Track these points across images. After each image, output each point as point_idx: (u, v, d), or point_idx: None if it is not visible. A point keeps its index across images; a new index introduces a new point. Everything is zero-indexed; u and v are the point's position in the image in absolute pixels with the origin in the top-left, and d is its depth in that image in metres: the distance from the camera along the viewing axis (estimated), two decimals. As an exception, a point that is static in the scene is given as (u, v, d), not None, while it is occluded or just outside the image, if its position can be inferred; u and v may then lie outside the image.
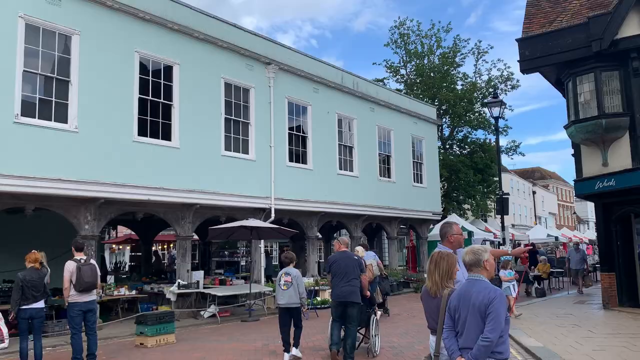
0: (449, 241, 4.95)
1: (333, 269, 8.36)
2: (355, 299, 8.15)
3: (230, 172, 15.13)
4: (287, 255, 9.19)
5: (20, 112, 10.83)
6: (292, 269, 8.87)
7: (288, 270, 8.81)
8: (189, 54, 14.33)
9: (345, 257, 8.43)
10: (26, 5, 11.08)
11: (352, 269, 8.25)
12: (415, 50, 33.25)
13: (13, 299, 8.16)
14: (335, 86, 19.26)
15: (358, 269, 8.33)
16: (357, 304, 8.20)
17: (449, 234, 4.99)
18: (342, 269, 8.22)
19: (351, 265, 8.27)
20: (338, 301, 8.22)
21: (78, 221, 12.10)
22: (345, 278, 8.15)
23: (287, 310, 8.63)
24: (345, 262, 8.30)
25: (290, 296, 8.55)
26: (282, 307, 8.64)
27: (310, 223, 18.35)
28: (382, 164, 21.71)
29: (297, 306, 8.66)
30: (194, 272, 14.90)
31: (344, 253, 8.55)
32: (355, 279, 8.22)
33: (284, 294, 8.60)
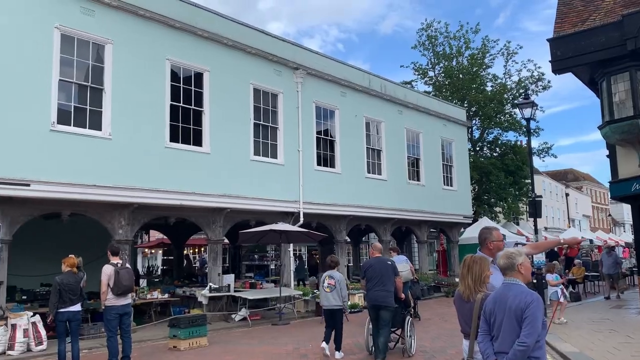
0: (487, 248, 4.75)
1: (368, 273, 8.68)
2: (389, 303, 8.47)
3: (259, 177, 15.26)
4: (332, 259, 9.73)
5: (56, 120, 11.16)
6: (336, 272, 9.39)
7: (332, 273, 9.31)
8: (219, 61, 14.53)
9: (380, 262, 8.76)
10: (61, 16, 11.42)
11: (386, 273, 8.56)
12: (444, 52, 32.99)
13: (51, 302, 8.38)
14: (363, 89, 19.25)
15: (392, 273, 8.64)
16: (390, 308, 8.50)
17: (488, 240, 4.80)
18: (377, 274, 8.54)
19: (385, 270, 8.59)
20: (372, 304, 8.58)
21: (112, 226, 12.37)
22: (380, 282, 8.49)
23: (330, 312, 9.15)
24: (379, 267, 8.61)
25: (333, 298, 9.08)
26: (326, 308, 9.20)
27: (338, 227, 18.35)
28: (411, 167, 21.56)
29: (339, 308, 9.14)
30: (224, 276, 15.06)
31: (378, 258, 8.88)
32: (390, 284, 8.54)
33: (327, 296, 9.15)
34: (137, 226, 13.13)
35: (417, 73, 34.02)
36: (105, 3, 12.09)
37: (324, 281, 9.31)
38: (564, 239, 6.52)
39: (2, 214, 10.68)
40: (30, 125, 10.74)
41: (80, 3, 11.74)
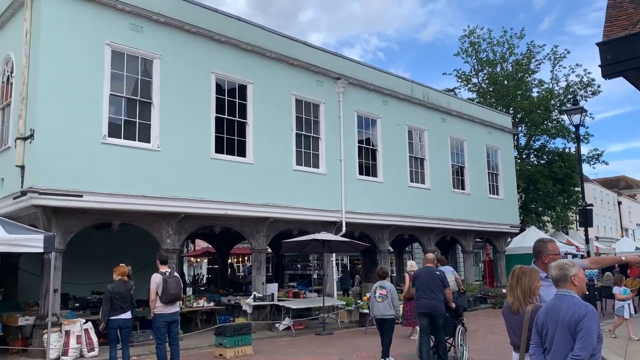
0: (543, 262, 4.51)
1: (417, 283, 9.11)
2: (439, 311, 8.80)
3: (301, 186, 15.36)
4: (382, 269, 10.18)
5: (107, 133, 11.58)
6: (387, 282, 9.72)
7: (383, 283, 9.63)
8: (262, 73, 14.77)
9: (429, 272, 9.13)
10: (112, 33, 11.88)
11: (435, 283, 8.88)
12: (487, 58, 32.46)
13: (103, 310, 8.65)
14: (405, 98, 19.13)
15: (441, 283, 8.94)
16: (441, 315, 8.83)
17: (543, 254, 4.58)
18: (426, 283, 8.90)
19: (433, 279, 8.91)
20: (421, 312, 8.90)
21: (160, 235, 12.69)
22: (429, 291, 8.83)
23: (382, 321, 9.42)
24: (428, 277, 8.97)
25: (384, 308, 9.34)
26: (377, 317, 9.47)
27: (381, 236, 18.23)
28: (455, 176, 21.23)
29: (391, 317, 9.39)
30: (268, 285, 15.18)
31: (428, 268, 9.28)
32: (439, 292, 8.85)
33: (378, 305, 9.42)
34: (184, 235, 13.42)
35: (460, 80, 33.60)
36: (153, 19, 12.51)
37: (375, 291, 9.59)
38: (625, 256, 6.24)
39: (57, 224, 11.12)
40: (83, 139, 11.19)
41: (130, 20, 12.18)
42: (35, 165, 10.62)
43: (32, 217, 11.30)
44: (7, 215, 11.11)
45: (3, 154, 11.97)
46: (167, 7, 12.81)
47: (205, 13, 13.77)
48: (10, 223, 10.12)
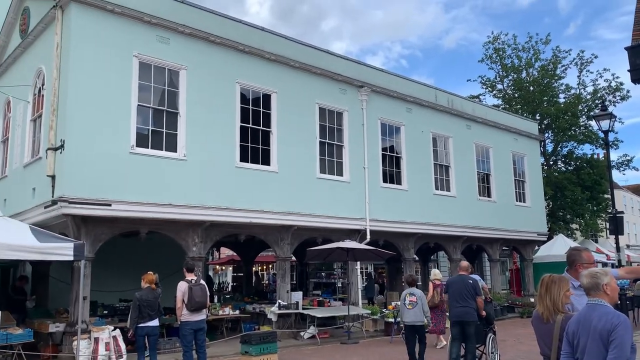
0: (576, 271, 4.44)
1: (450, 291, 9.28)
2: (470, 318, 8.93)
3: (325, 194, 15.37)
4: (412, 276, 10.45)
5: (135, 143, 11.79)
6: (416, 289, 9.93)
7: (412, 290, 9.86)
8: (286, 82, 14.88)
9: (461, 280, 9.24)
10: (139, 45, 12.13)
11: (467, 291, 9.04)
12: (512, 64, 32.13)
13: (131, 317, 8.78)
14: (429, 105, 19.04)
15: (473, 291, 9.09)
16: (472, 322, 8.96)
17: (577, 262, 4.52)
18: (458, 291, 9.06)
19: (466, 288, 9.07)
20: (454, 320, 9.09)
21: (186, 243, 12.83)
22: (461, 299, 8.99)
23: (412, 328, 9.64)
24: (460, 285, 9.12)
25: (415, 315, 9.57)
26: (408, 324, 9.71)
27: (406, 245, 18.10)
28: (481, 183, 21.00)
29: (421, 324, 9.63)
30: (293, 293, 15.19)
31: (461, 276, 9.36)
32: (471, 300, 9.00)
33: (408, 312, 9.64)
34: (209, 243, 13.54)
35: (485, 86, 33.31)
36: (179, 31, 12.73)
37: (404, 298, 9.76)
38: None
39: (86, 232, 11.34)
40: (111, 148, 11.42)
41: (157, 32, 12.42)
42: (66, 175, 10.87)
43: (62, 225, 11.55)
44: (38, 224, 11.37)
45: (35, 164, 12.28)
46: (193, 19, 13.03)
47: (230, 24, 13.97)
48: (42, 232, 10.35)
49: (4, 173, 14.43)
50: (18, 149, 13.48)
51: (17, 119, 13.82)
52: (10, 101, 14.32)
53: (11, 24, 14.75)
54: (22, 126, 13.41)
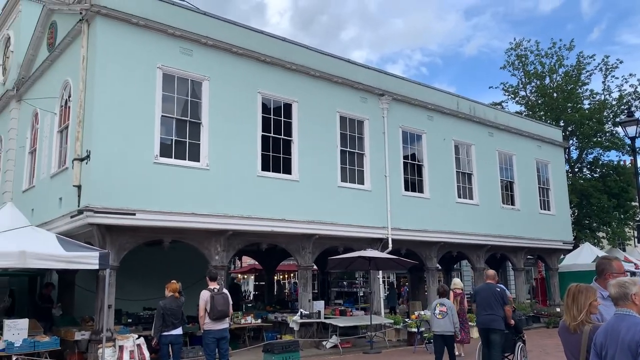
0: (605, 280, 4.33)
1: (477, 299, 9.51)
2: (496, 326, 9.03)
3: (346, 203, 15.35)
4: (443, 287, 10.66)
5: (159, 153, 11.96)
6: (446, 300, 10.19)
7: (443, 301, 10.08)
8: (307, 91, 14.96)
9: (488, 288, 9.39)
10: (163, 56, 12.34)
11: (494, 299, 9.17)
12: (535, 70, 31.76)
13: (155, 326, 8.86)
14: (451, 112, 18.93)
15: (501, 299, 9.21)
16: (498, 331, 9.05)
17: (607, 272, 4.41)
18: (485, 300, 9.23)
19: (493, 296, 9.21)
20: (481, 328, 9.27)
21: (209, 252, 12.93)
22: (488, 307, 9.13)
23: (442, 337, 9.82)
24: (488, 293, 9.27)
25: (445, 324, 9.75)
26: (437, 334, 9.88)
27: (429, 253, 17.95)
28: (505, 191, 20.74)
29: (450, 334, 9.79)
30: (315, 302, 15.17)
31: (489, 285, 9.50)
32: (498, 308, 9.11)
33: (438, 322, 9.83)
34: (232, 252, 13.62)
35: (507, 93, 32.96)
36: (202, 43, 12.92)
37: (435, 308, 9.98)
38: None
39: (111, 241, 11.51)
40: (136, 159, 11.60)
41: (180, 44, 12.63)
42: (91, 185, 11.07)
43: (88, 234, 11.75)
44: (64, 233, 11.59)
45: (62, 174, 12.54)
46: (216, 31, 13.21)
47: (251, 35, 14.12)
48: (68, 241, 10.54)
49: (31, 183, 14.76)
50: (45, 160, 13.78)
51: (44, 131, 14.15)
52: (38, 113, 14.68)
53: (39, 38, 15.14)
54: (49, 137, 13.71)
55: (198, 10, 13.36)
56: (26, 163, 15.33)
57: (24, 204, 14.08)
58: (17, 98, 16.43)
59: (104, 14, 11.56)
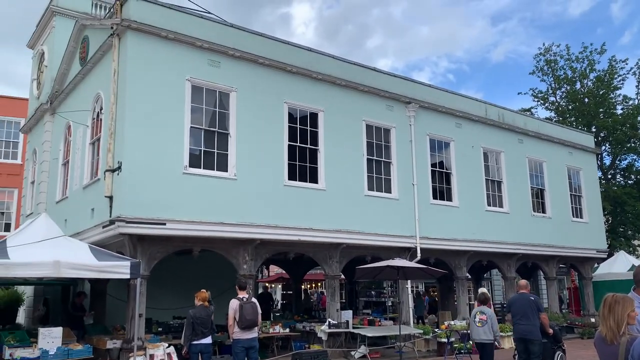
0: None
1: (512, 309, 9.61)
2: (533, 336, 9.14)
3: (374, 212, 15.28)
4: (485, 294, 10.72)
5: (188, 164, 12.13)
6: (487, 308, 10.22)
7: (483, 309, 10.12)
8: (332, 100, 14.99)
9: (523, 298, 9.49)
10: (192, 69, 12.55)
11: (530, 309, 9.28)
12: (565, 75, 31.22)
13: (185, 335, 8.95)
14: (479, 119, 18.73)
15: (536, 308, 9.34)
16: (536, 340, 9.16)
17: None
18: (521, 309, 9.33)
19: (528, 306, 9.31)
20: (518, 337, 9.37)
21: (237, 261, 13.01)
22: (524, 317, 9.24)
23: (481, 346, 9.94)
24: (523, 303, 9.38)
25: (485, 333, 9.82)
26: (477, 342, 9.99)
27: (458, 263, 17.71)
28: (535, 199, 20.35)
29: (490, 342, 9.87)
30: (342, 312, 15.09)
31: (522, 294, 9.61)
32: (534, 318, 9.23)
33: (478, 330, 9.90)
34: (259, 261, 13.68)
35: (536, 99, 32.49)
36: (229, 54, 13.09)
37: (475, 316, 10.06)
38: None
39: (142, 251, 11.69)
40: (166, 169, 11.79)
41: (208, 56, 12.82)
42: (123, 196, 11.28)
43: (119, 244, 11.96)
44: (97, 243, 11.83)
45: (94, 186, 12.82)
46: (242, 42, 13.38)
47: (278, 46, 14.25)
48: (100, 250, 10.76)
49: (64, 194, 15.12)
50: (78, 171, 14.11)
51: (77, 143, 14.50)
52: (71, 125, 15.06)
53: (72, 52, 15.57)
54: (81, 149, 14.05)
55: (225, 23, 13.56)
56: (59, 175, 15.72)
57: (57, 214, 14.44)
58: (51, 111, 16.90)
59: (134, 28, 11.83)
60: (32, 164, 19.01)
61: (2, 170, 26.95)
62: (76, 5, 17.81)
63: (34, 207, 17.48)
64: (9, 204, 27.09)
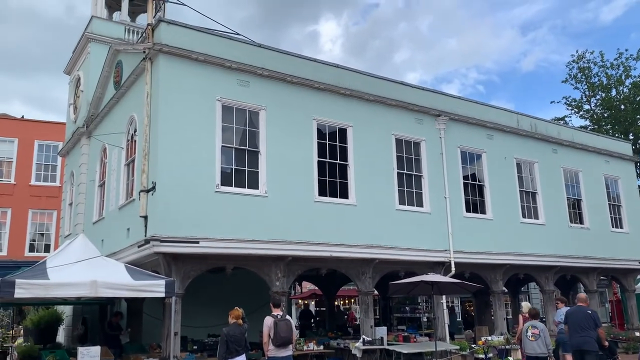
0: None
1: (569, 321, 10.04)
2: (590, 347, 9.48)
3: (406, 226, 15.13)
4: (535, 309, 11.03)
5: (220, 182, 12.28)
6: (539, 322, 10.48)
7: (535, 323, 10.36)
8: (361, 115, 15.00)
9: (580, 311, 9.88)
10: (222, 89, 12.76)
11: (587, 322, 9.65)
12: (600, 82, 30.55)
13: (219, 353, 8.98)
14: (511, 130, 18.44)
15: (593, 321, 9.71)
16: (593, 352, 9.51)
17: None
18: (577, 322, 9.71)
19: (585, 319, 9.68)
20: (574, 349, 9.77)
21: (270, 278, 13.03)
22: (581, 330, 9.61)
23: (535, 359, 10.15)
24: (580, 316, 9.75)
25: (539, 346, 10.02)
26: (531, 356, 10.19)
27: (494, 276, 17.33)
28: (572, 209, 19.83)
29: (544, 356, 10.07)
30: (377, 328, 14.91)
31: (580, 307, 9.99)
32: (590, 330, 9.57)
33: (531, 344, 10.12)
34: (292, 278, 13.67)
35: (570, 108, 31.86)
36: (258, 74, 13.27)
37: (527, 330, 10.28)
38: None
39: (176, 269, 11.82)
40: (198, 188, 11.95)
41: (237, 76, 13.03)
42: (157, 215, 11.47)
43: (154, 263, 12.13)
44: (132, 262, 12.04)
45: (129, 206, 13.08)
46: (271, 61, 13.55)
47: (305, 63, 14.37)
48: (136, 270, 10.94)
49: (101, 215, 15.47)
50: (113, 192, 14.44)
51: (112, 164, 14.86)
52: (106, 148, 15.46)
53: (106, 77, 16.05)
54: (117, 170, 14.39)
55: (253, 43, 13.77)
56: (96, 196, 16.12)
57: (94, 235, 14.78)
58: (87, 134, 17.40)
59: (166, 51, 12.12)
60: (69, 186, 19.55)
61: (42, 192, 27.85)
62: (110, 31, 18.42)
63: (72, 228, 17.93)
64: (48, 225, 27.93)
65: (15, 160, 27.86)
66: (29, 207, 27.51)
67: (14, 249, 26.88)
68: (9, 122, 29.30)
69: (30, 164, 28.08)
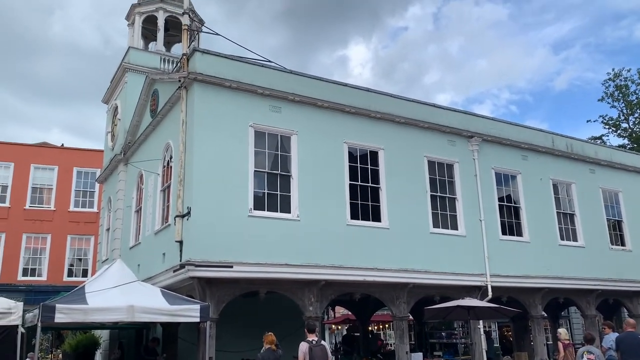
0: None
1: (621, 347, 10.07)
2: None
3: (440, 250, 14.91)
4: (591, 334, 11.20)
5: (252, 206, 12.39)
6: (594, 347, 10.61)
7: (590, 348, 10.46)
8: (392, 138, 14.98)
9: (632, 336, 9.96)
10: (255, 115, 12.98)
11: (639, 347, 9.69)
12: (638, 100, 29.86)
13: (254, 377, 8.94)
14: (546, 150, 18.11)
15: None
16: None
17: None
18: (632, 347, 9.74)
19: (637, 344, 9.71)
20: None
21: (303, 303, 12.97)
22: (635, 355, 9.67)
23: None
24: (633, 342, 9.80)
25: None
26: None
27: (532, 301, 16.85)
28: (613, 231, 19.22)
29: None
30: (412, 354, 14.63)
31: (631, 333, 10.06)
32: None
33: None
34: (325, 302, 13.57)
35: (607, 126, 31.15)
36: (289, 99, 13.46)
37: (582, 356, 10.38)
38: None
39: (210, 294, 11.90)
40: (232, 213, 12.09)
41: (269, 102, 13.24)
42: (192, 240, 11.62)
43: (189, 288, 12.24)
44: (168, 287, 12.18)
45: (165, 231, 13.29)
46: (301, 87, 13.74)
47: (335, 88, 14.50)
48: (171, 294, 11.07)
49: (137, 240, 15.76)
50: (150, 218, 14.71)
51: (148, 190, 15.18)
52: (143, 174, 15.82)
53: (143, 105, 16.53)
54: (153, 196, 14.68)
55: (284, 70, 14.00)
56: (132, 221, 16.45)
57: (131, 259, 15.04)
58: (124, 161, 17.87)
59: (200, 80, 12.43)
60: (107, 212, 20.03)
61: (80, 218, 28.61)
62: (146, 61, 19.03)
63: (109, 253, 18.31)
64: (86, 250, 28.61)
65: (55, 187, 28.77)
66: (67, 233, 28.28)
67: (53, 274, 27.60)
68: (50, 150, 30.36)
69: (69, 190, 28.96)
